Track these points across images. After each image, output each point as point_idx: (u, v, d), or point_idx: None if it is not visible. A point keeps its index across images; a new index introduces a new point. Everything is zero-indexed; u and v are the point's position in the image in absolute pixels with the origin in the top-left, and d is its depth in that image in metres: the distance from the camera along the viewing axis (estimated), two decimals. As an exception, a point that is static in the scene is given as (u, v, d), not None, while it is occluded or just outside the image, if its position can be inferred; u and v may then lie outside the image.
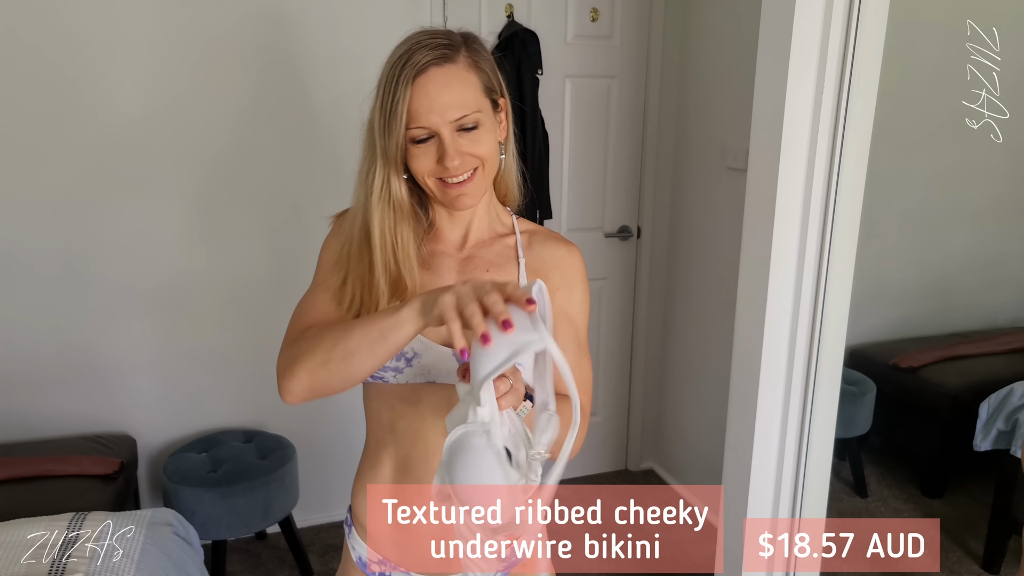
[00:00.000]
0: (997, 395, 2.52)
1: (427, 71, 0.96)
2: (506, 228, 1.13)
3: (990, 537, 2.53)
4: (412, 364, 1.02)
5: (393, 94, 0.96)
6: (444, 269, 1.09)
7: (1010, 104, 1.51)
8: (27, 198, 2.33)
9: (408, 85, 0.95)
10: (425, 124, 0.97)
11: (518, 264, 1.09)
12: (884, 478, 3.12)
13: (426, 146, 0.98)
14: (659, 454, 3.32)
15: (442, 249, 1.10)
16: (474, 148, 0.99)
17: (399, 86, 0.95)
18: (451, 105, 0.97)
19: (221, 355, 2.63)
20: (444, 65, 0.97)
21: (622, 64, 2.90)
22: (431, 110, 0.96)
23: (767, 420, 1.87)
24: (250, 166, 2.51)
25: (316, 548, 2.71)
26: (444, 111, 0.96)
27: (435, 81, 0.96)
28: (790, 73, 1.65)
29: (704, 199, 2.87)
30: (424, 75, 0.96)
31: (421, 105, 0.96)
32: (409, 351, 1.02)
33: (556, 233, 1.16)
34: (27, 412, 2.46)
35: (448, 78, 0.97)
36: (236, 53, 2.41)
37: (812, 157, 1.69)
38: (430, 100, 0.96)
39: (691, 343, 3.04)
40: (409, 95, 0.95)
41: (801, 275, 1.76)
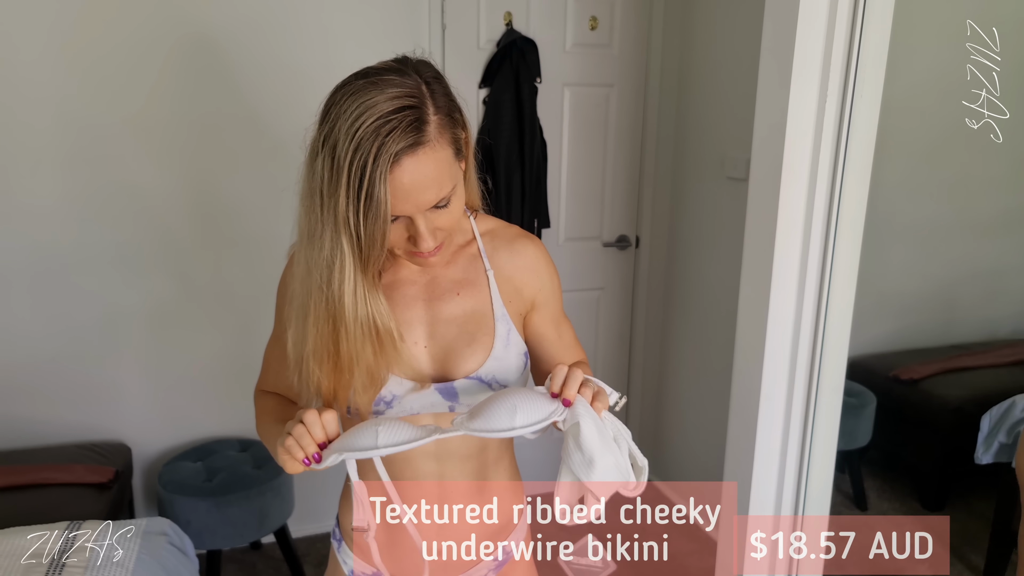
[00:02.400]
0: (999, 407, 2.50)
1: (400, 163, 0.86)
2: (466, 236, 1.09)
3: (991, 551, 2.51)
4: (392, 406, 1.00)
5: (369, 188, 0.85)
6: (410, 299, 1.04)
7: (1010, 104, 1.50)
8: (23, 206, 2.31)
9: (384, 181, 0.85)
10: (399, 213, 0.89)
11: (487, 277, 1.06)
12: (884, 491, 3.10)
13: (396, 225, 0.92)
14: (657, 466, 3.30)
15: (404, 276, 1.05)
16: (445, 222, 0.93)
17: (376, 182, 0.85)
18: (427, 196, 0.89)
19: (216, 364, 2.61)
20: (417, 151, 0.87)
21: (621, 73, 2.90)
22: (406, 201, 0.88)
23: (768, 433, 1.85)
24: (242, 172, 2.50)
25: (311, 558, 2.69)
26: (420, 203, 0.89)
27: (411, 174, 0.87)
28: (793, 82, 1.64)
29: (703, 209, 2.86)
30: (398, 167, 0.86)
31: (395, 199, 0.87)
32: (388, 394, 0.99)
33: (514, 227, 1.11)
34: (21, 420, 2.44)
35: (423, 167, 0.87)
36: (233, 61, 2.40)
37: (815, 168, 1.68)
38: (406, 193, 0.87)
39: (689, 354, 3.02)
40: (383, 194, 0.85)
41: (803, 287, 1.75)
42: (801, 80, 1.65)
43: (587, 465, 0.84)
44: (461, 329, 1.03)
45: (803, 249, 1.74)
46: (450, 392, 1.00)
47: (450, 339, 1.02)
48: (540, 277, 1.09)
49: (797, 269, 1.75)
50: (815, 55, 1.64)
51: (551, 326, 1.12)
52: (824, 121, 1.66)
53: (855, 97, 1.65)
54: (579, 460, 0.85)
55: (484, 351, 1.01)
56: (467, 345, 1.01)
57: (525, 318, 1.09)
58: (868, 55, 1.63)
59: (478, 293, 1.05)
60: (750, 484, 1.87)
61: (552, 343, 1.12)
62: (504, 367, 1.02)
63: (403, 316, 1.02)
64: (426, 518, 1.05)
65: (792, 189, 1.70)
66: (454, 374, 1.01)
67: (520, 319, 1.08)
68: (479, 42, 2.67)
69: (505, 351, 1.02)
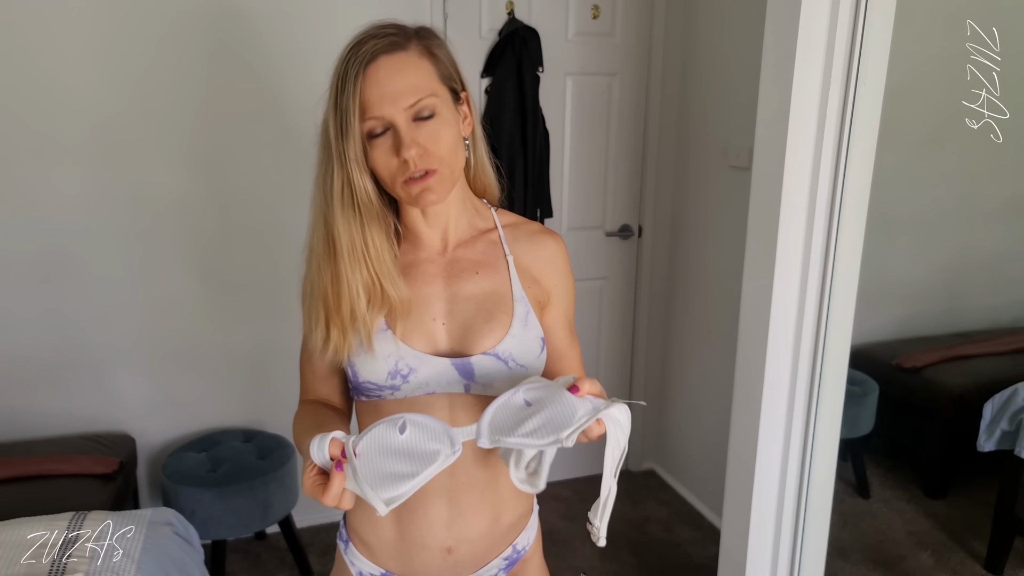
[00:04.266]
0: (1001, 395, 2.50)
1: (376, 60, 0.92)
2: (487, 223, 1.10)
3: (993, 538, 2.52)
4: (408, 379, 0.99)
5: (343, 88, 0.92)
6: (429, 276, 1.04)
7: (1010, 104, 1.50)
8: (29, 196, 2.31)
9: (359, 77, 0.91)
10: (378, 114, 0.92)
11: (506, 261, 1.06)
12: (886, 479, 3.11)
13: (382, 140, 0.94)
14: (660, 455, 3.31)
15: (424, 256, 1.06)
16: (431, 143, 0.94)
17: (348, 80, 0.92)
18: (403, 91, 0.92)
19: (220, 355, 2.62)
20: (394, 53, 0.93)
21: (623, 61, 2.89)
22: (382, 98, 0.92)
23: (771, 421, 1.85)
24: (247, 164, 2.50)
25: (316, 548, 2.70)
26: (396, 99, 0.92)
27: (385, 69, 0.92)
28: (796, 69, 1.63)
29: (706, 197, 2.85)
30: (374, 64, 0.92)
31: (372, 95, 0.92)
32: (404, 367, 0.99)
33: (537, 224, 1.13)
34: (26, 412, 2.45)
35: (399, 65, 0.93)
36: (232, 50, 2.39)
37: (818, 155, 1.68)
38: (380, 88, 0.92)
39: (693, 343, 3.02)
40: (360, 87, 0.91)
41: (806, 275, 1.75)
42: (804, 67, 1.64)
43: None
44: (480, 307, 1.02)
45: (806, 237, 1.73)
46: (466, 368, 0.99)
47: (468, 316, 1.01)
48: (558, 273, 1.10)
49: (800, 257, 1.75)
50: (818, 42, 1.63)
51: (563, 327, 1.12)
52: (827, 109, 1.65)
53: (858, 84, 1.64)
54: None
55: (502, 329, 1.01)
56: (485, 322, 1.01)
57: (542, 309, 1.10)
58: (871, 41, 1.62)
59: (497, 275, 1.05)
60: (753, 472, 1.87)
61: (561, 340, 1.12)
62: (522, 347, 1.01)
63: (421, 292, 1.03)
64: (436, 514, 1.05)
65: (795, 177, 1.70)
66: (471, 350, 1.00)
67: (539, 307, 1.08)
68: (481, 31, 2.66)
69: (523, 331, 1.02)
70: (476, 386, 1.00)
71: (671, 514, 2.95)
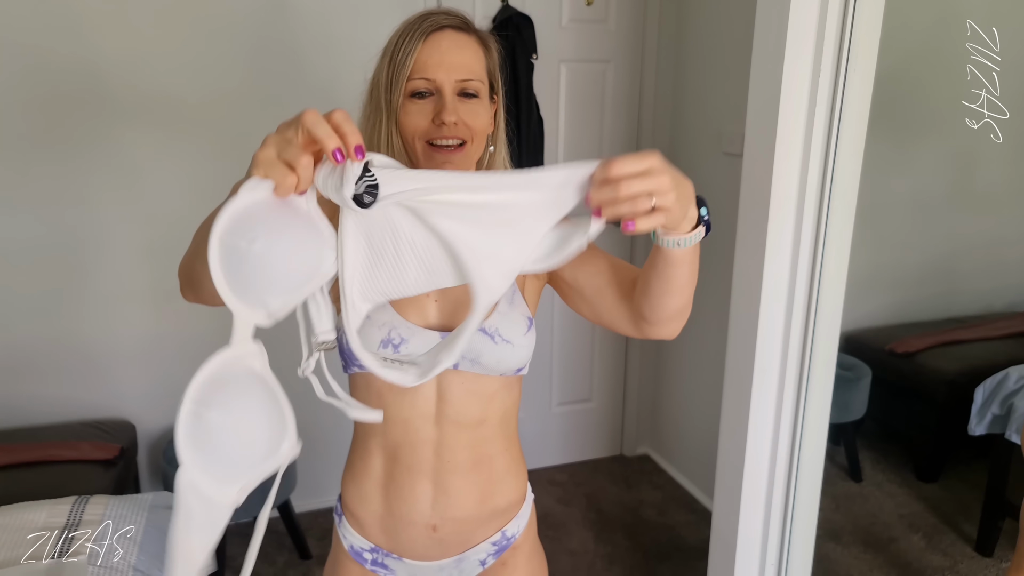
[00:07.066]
0: (992, 379, 2.53)
1: (443, 30, 0.98)
2: None
3: (984, 520, 2.55)
4: (399, 350, 1.02)
5: (402, 45, 0.97)
6: None
7: (1010, 104, 1.51)
8: (27, 185, 2.33)
9: (422, 39, 0.96)
10: (431, 76, 0.97)
11: None
12: (878, 463, 3.14)
13: (423, 103, 0.98)
14: (654, 439, 3.34)
15: None
16: (470, 118, 0.99)
17: (412, 39, 0.96)
18: (460, 65, 0.98)
19: (218, 341, 2.61)
20: (461, 32, 1.00)
21: (617, 48, 2.89)
22: (440, 64, 0.96)
23: (762, 405, 1.87)
24: (249, 150, 2.51)
25: (314, 532, 2.73)
26: (452, 69, 0.97)
27: (449, 40, 0.98)
28: (786, 56, 1.64)
29: (701, 184, 2.86)
30: (440, 32, 0.98)
31: (431, 57, 0.96)
32: (396, 337, 1.01)
33: None
34: (27, 398, 2.47)
35: (462, 43, 0.99)
36: (243, 37, 2.40)
37: (808, 141, 1.69)
38: (440, 55, 0.97)
39: (686, 328, 3.03)
40: (420, 47, 0.96)
41: (796, 260, 1.77)
42: (794, 53, 1.65)
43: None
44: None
45: (796, 223, 1.75)
46: None
47: (459, 293, 1.04)
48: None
49: (791, 243, 1.76)
50: (809, 28, 1.64)
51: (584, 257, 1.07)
52: (818, 94, 1.67)
53: (848, 70, 1.65)
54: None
55: None
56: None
57: (551, 283, 1.11)
58: (862, 28, 1.63)
59: None
60: (744, 456, 1.90)
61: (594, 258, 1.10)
62: (508, 323, 1.04)
63: None
64: (422, 492, 1.07)
65: (786, 163, 1.71)
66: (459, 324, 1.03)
67: (533, 294, 1.11)
68: (475, 18, 2.65)
69: (510, 308, 1.05)
70: (464, 362, 1.03)
71: (665, 498, 2.99)
